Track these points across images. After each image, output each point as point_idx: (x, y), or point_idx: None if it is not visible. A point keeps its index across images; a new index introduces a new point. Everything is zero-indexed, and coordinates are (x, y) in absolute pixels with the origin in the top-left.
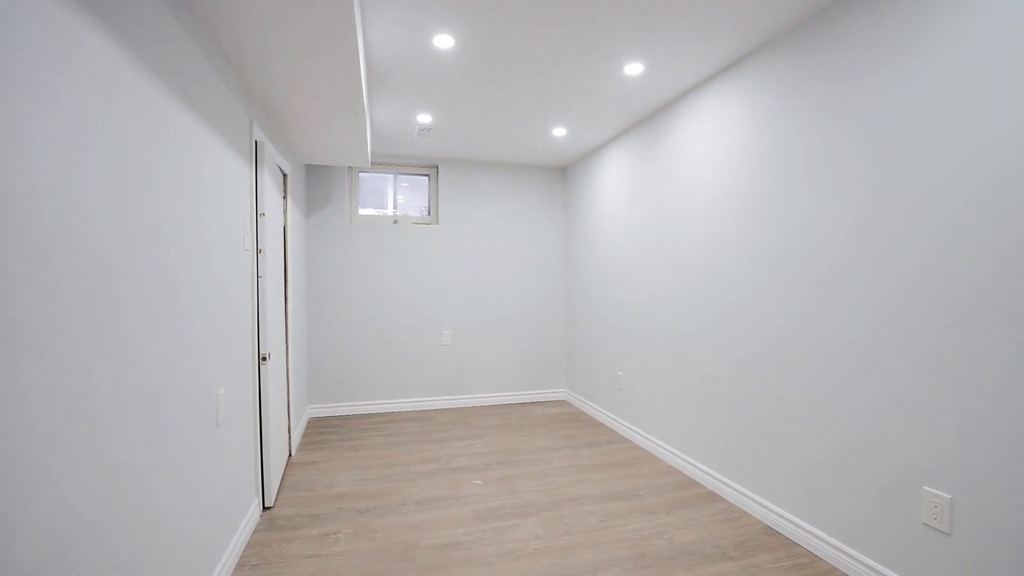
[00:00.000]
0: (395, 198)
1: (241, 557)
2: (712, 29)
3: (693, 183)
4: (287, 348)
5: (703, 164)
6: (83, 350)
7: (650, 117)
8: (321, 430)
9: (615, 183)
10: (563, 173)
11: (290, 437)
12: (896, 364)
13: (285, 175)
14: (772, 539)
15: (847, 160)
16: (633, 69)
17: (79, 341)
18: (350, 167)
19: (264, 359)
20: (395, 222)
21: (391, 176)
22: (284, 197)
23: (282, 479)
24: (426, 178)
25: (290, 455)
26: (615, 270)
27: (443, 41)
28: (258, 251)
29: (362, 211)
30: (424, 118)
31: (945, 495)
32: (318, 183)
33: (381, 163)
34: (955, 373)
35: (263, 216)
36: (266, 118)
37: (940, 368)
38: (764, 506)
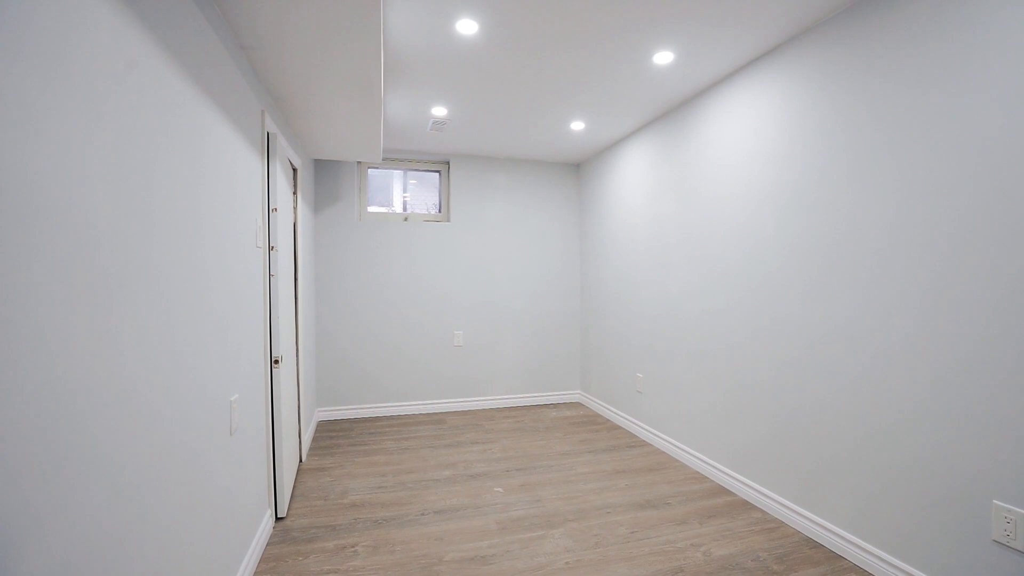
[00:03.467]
0: (404, 195)
1: (255, 573)
2: (750, 14)
3: (720, 178)
4: (297, 350)
5: (732, 158)
6: (84, 352)
7: (675, 110)
8: (331, 434)
9: (635, 179)
10: (577, 169)
11: (300, 443)
12: (956, 364)
13: (295, 169)
14: (815, 552)
15: (895, 151)
16: (663, 58)
17: (81, 342)
18: (359, 162)
19: (276, 362)
20: (405, 219)
21: (400, 172)
22: (294, 193)
23: (293, 487)
24: (436, 174)
25: (301, 461)
26: (635, 268)
27: (466, 27)
28: (270, 248)
29: (371, 208)
30: (439, 111)
31: (1020, 510)
32: (326, 179)
33: (391, 159)
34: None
35: (275, 211)
36: (276, 107)
37: (1010, 367)
38: (804, 516)
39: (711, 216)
